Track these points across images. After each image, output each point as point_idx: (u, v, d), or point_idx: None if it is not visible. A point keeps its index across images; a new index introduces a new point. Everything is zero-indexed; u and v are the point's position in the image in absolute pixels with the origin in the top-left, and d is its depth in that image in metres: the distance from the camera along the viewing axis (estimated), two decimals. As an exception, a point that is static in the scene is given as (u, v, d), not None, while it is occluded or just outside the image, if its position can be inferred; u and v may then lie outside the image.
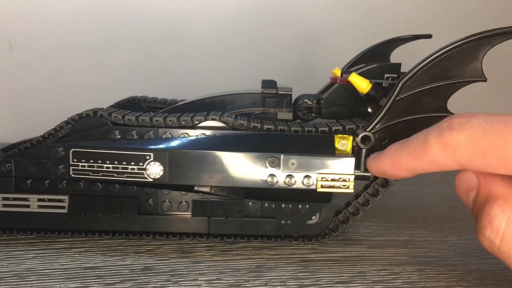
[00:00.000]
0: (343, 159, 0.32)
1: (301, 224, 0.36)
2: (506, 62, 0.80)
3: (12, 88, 0.70)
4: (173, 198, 0.36)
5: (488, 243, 0.24)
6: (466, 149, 0.23)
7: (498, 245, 0.23)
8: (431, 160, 0.25)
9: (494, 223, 0.23)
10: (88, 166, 0.33)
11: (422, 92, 0.32)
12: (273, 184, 0.33)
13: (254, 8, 0.75)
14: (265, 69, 0.73)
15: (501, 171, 0.23)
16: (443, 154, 0.24)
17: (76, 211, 0.35)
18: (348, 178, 0.32)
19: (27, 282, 0.29)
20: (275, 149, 0.33)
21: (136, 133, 0.34)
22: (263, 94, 0.39)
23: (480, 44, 0.30)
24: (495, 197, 0.24)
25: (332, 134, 0.34)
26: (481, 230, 0.24)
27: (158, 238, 0.37)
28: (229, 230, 0.36)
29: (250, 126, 0.34)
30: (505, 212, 0.23)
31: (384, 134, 0.33)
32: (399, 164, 0.28)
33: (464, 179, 0.26)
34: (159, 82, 0.72)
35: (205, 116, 0.34)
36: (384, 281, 0.31)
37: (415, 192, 0.52)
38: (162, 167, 0.32)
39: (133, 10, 0.72)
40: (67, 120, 0.35)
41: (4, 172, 0.34)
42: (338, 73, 0.42)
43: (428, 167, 0.26)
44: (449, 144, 0.24)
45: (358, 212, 0.37)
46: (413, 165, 0.27)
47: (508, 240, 0.23)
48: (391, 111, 0.32)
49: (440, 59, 0.31)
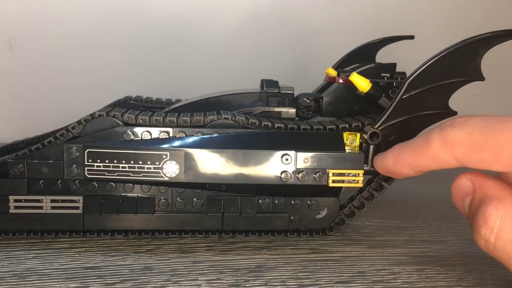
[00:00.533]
0: (353, 155, 0.34)
1: (311, 219, 0.38)
2: (505, 62, 0.80)
3: (12, 88, 0.70)
4: (186, 196, 0.37)
5: (484, 241, 0.25)
6: (463, 145, 0.25)
7: (493, 243, 0.24)
8: (431, 156, 0.27)
9: (489, 221, 0.24)
10: (103, 166, 0.33)
11: (425, 91, 0.33)
12: (287, 180, 0.34)
13: (253, 10, 0.75)
14: (262, 70, 0.73)
15: (494, 166, 0.24)
16: (442, 150, 0.26)
17: (91, 211, 0.35)
18: (358, 173, 0.34)
19: (27, 282, 0.29)
20: (288, 146, 0.34)
21: (149, 133, 0.35)
22: (266, 93, 0.40)
23: (479, 45, 0.32)
24: (490, 198, 0.25)
25: (339, 131, 0.36)
26: (477, 230, 0.25)
27: (158, 237, 0.37)
28: (242, 226, 0.37)
29: (261, 125, 0.35)
30: (499, 210, 0.24)
31: (390, 131, 0.34)
32: (402, 160, 0.29)
33: (460, 186, 0.27)
34: (159, 82, 0.72)
35: (217, 116, 0.35)
36: (384, 281, 0.31)
37: (415, 192, 0.52)
38: (178, 165, 0.33)
39: (134, 11, 0.72)
40: (79, 120, 0.35)
41: (16, 173, 0.34)
42: (332, 73, 0.44)
43: (429, 163, 0.27)
44: (449, 140, 0.25)
45: (363, 206, 0.38)
46: (415, 161, 0.28)
47: (503, 236, 0.24)
48: (397, 109, 0.34)
49: (442, 60, 0.32)
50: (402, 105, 0.34)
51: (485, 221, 0.24)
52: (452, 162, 0.26)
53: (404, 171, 0.29)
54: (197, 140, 0.34)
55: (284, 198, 0.37)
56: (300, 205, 0.37)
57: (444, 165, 0.27)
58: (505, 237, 0.24)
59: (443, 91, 0.34)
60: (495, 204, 0.24)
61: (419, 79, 0.33)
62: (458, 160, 0.26)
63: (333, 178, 0.34)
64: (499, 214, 0.24)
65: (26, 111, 0.71)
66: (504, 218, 0.24)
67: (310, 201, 0.37)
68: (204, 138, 0.34)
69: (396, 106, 0.34)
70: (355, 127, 0.36)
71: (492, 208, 0.24)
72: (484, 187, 0.26)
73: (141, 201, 0.36)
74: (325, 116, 0.41)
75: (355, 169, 0.34)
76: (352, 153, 0.35)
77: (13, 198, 0.34)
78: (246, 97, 0.41)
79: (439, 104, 0.34)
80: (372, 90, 0.37)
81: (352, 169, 0.34)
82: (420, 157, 0.28)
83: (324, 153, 0.34)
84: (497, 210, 0.24)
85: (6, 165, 0.34)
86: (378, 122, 0.35)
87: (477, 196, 0.26)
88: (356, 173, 0.34)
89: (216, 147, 0.34)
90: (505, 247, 0.24)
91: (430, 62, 0.33)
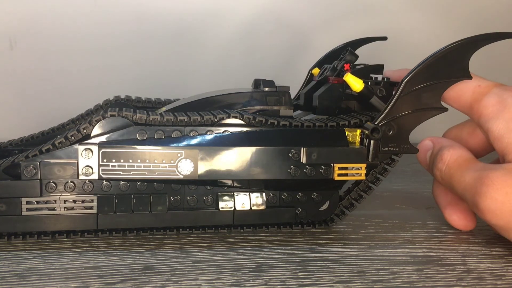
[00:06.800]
0: (357, 149, 0.36)
1: (315, 211, 0.39)
2: (505, 62, 0.81)
3: (12, 88, 0.70)
4: (198, 193, 0.37)
5: (439, 172, 0.38)
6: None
7: (444, 170, 0.37)
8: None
9: (443, 158, 0.37)
10: (118, 166, 0.33)
11: (420, 89, 0.36)
12: (296, 175, 0.35)
13: (253, 14, 0.75)
14: (258, 71, 0.75)
15: (455, 104, 0.38)
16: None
17: (106, 210, 0.35)
18: (361, 166, 0.36)
19: (28, 281, 0.30)
20: (295, 143, 0.36)
21: (162, 132, 0.35)
22: (264, 92, 0.41)
23: (466, 48, 0.36)
24: (444, 146, 0.38)
25: (340, 128, 0.38)
26: (436, 166, 0.38)
27: (158, 237, 0.37)
28: (252, 221, 0.38)
29: (268, 123, 0.37)
30: (450, 151, 0.37)
31: (389, 126, 0.37)
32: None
33: (423, 144, 0.40)
34: (159, 83, 0.73)
35: (226, 115, 0.36)
36: (384, 280, 0.31)
37: (415, 192, 0.53)
38: (192, 163, 0.34)
39: (134, 11, 0.72)
40: (90, 120, 0.35)
41: (31, 175, 0.33)
42: (317, 73, 0.48)
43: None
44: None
45: (361, 197, 0.40)
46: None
47: (450, 165, 0.37)
48: (395, 106, 0.36)
49: (433, 62, 0.36)
50: (400, 103, 0.36)
51: (441, 158, 0.37)
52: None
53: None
54: (210, 138, 0.35)
55: (290, 192, 0.39)
56: (305, 199, 0.39)
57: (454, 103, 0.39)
58: (451, 165, 0.37)
59: (436, 89, 0.37)
60: (448, 148, 0.37)
61: (415, 78, 0.36)
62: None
63: (338, 172, 0.36)
64: (449, 153, 0.37)
65: (26, 111, 0.71)
66: (452, 155, 0.37)
67: (314, 195, 0.39)
68: (216, 136, 0.35)
69: (395, 103, 0.36)
70: (354, 123, 0.38)
71: (445, 150, 0.37)
72: (440, 142, 0.39)
73: (155, 199, 0.36)
74: (319, 114, 0.42)
75: (359, 162, 0.36)
76: (356, 147, 0.36)
77: (25, 200, 0.34)
78: (244, 96, 0.41)
79: (432, 100, 0.37)
80: (365, 90, 0.39)
81: (356, 163, 0.36)
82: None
83: (330, 149, 0.36)
84: (449, 151, 0.37)
85: (19, 167, 0.33)
86: (378, 118, 0.36)
87: (436, 147, 0.39)
88: (359, 166, 0.36)
89: (228, 145, 0.35)
90: (450, 171, 0.37)
91: (425, 63, 0.36)
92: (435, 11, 0.81)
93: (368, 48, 0.53)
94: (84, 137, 0.35)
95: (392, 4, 0.80)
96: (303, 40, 0.78)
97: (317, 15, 0.78)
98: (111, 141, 0.34)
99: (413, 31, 0.80)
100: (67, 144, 0.34)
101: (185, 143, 0.35)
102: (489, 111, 0.35)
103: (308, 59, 0.55)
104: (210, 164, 0.34)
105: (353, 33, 0.55)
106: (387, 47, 0.58)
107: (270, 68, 0.76)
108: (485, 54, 0.41)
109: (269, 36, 0.77)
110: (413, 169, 0.61)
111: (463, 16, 0.82)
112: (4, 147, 0.47)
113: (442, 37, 0.42)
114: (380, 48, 0.57)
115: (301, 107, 0.46)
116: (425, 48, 0.43)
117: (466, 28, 0.58)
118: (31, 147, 0.41)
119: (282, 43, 0.77)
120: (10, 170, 0.34)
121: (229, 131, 0.36)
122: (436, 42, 0.42)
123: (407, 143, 0.37)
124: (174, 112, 0.38)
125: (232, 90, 0.43)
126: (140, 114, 0.35)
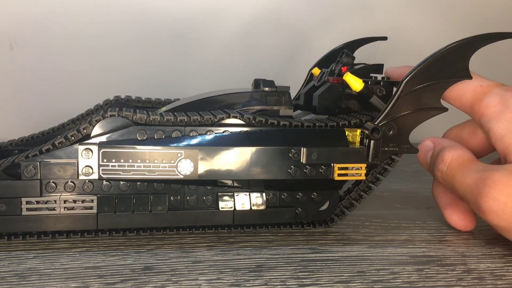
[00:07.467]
0: (357, 149, 0.36)
1: (315, 211, 0.39)
2: (505, 62, 0.81)
3: (12, 88, 0.70)
4: (198, 193, 0.37)
5: (440, 173, 0.37)
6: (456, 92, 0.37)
7: (445, 171, 0.37)
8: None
9: (444, 158, 0.37)
10: (118, 166, 0.33)
11: (420, 89, 0.36)
12: (296, 175, 0.35)
13: (253, 15, 0.75)
14: (259, 71, 0.75)
15: (456, 103, 0.38)
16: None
17: (106, 210, 0.35)
18: (361, 166, 0.36)
19: (28, 281, 0.30)
20: (295, 143, 0.36)
21: (162, 132, 0.35)
22: (263, 92, 0.41)
23: (466, 48, 0.36)
24: (445, 147, 0.38)
25: (340, 128, 0.38)
26: (436, 166, 0.38)
27: (158, 237, 0.37)
28: (252, 221, 0.38)
29: (268, 123, 0.37)
30: (451, 152, 0.37)
31: (389, 126, 0.37)
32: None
33: (424, 145, 0.40)
34: (159, 83, 0.73)
35: (226, 115, 0.36)
36: (384, 280, 0.31)
37: (415, 192, 0.53)
38: (192, 163, 0.34)
39: (134, 11, 0.72)
40: (90, 120, 0.35)
41: (31, 175, 0.33)
42: (317, 73, 0.48)
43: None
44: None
45: (361, 197, 0.40)
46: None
47: (451, 166, 0.36)
48: (395, 106, 0.36)
49: (433, 62, 0.36)
50: (400, 103, 0.36)
51: (442, 159, 0.37)
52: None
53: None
54: (210, 138, 0.35)
55: (290, 192, 0.39)
56: (305, 199, 0.39)
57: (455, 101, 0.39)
58: (452, 166, 0.36)
59: (436, 90, 0.37)
60: (448, 149, 0.37)
61: (415, 78, 0.36)
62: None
63: (338, 172, 0.35)
64: (450, 154, 0.37)
65: (26, 111, 0.71)
66: (453, 155, 0.37)
67: (314, 195, 0.39)
68: (216, 136, 0.35)
69: (395, 103, 0.36)
70: (353, 123, 0.38)
71: (446, 151, 0.37)
72: (441, 142, 0.39)
73: (155, 199, 0.36)
74: (319, 114, 0.42)
75: (359, 162, 0.36)
76: (356, 147, 0.36)
77: (25, 200, 0.34)
78: (244, 96, 0.42)
79: (432, 100, 0.37)
80: (365, 90, 0.39)
81: (356, 163, 0.36)
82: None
83: (330, 149, 0.35)
84: (449, 151, 0.37)
85: (19, 167, 0.33)
86: (378, 118, 0.36)
87: (437, 148, 0.39)
88: (359, 166, 0.36)
89: (228, 145, 0.35)
90: (451, 172, 0.36)
91: (425, 63, 0.36)
92: (435, 11, 0.81)
93: (368, 48, 0.53)
94: (84, 137, 0.35)
95: (392, 4, 0.80)
96: (303, 40, 0.78)
97: (317, 15, 0.78)
98: (111, 141, 0.34)
99: (413, 31, 0.80)
100: (67, 144, 0.34)
101: (185, 143, 0.35)
102: (490, 111, 0.35)
103: (308, 59, 0.55)
104: (210, 164, 0.34)
105: (353, 33, 0.55)
106: (387, 47, 0.58)
107: (270, 68, 0.76)
108: (485, 54, 0.41)
109: (269, 36, 0.77)
110: (413, 169, 0.61)
111: (463, 16, 0.82)
112: (4, 147, 0.47)
113: (442, 37, 0.43)
114: (380, 48, 0.57)
115: (301, 107, 0.46)
116: (425, 48, 0.43)
117: (466, 28, 0.59)
118: (31, 147, 0.41)
119: (282, 43, 0.78)
120: (10, 170, 0.34)
121: (229, 131, 0.36)
122: (436, 42, 0.42)
123: (407, 143, 0.37)
124: (174, 112, 0.38)
125: (232, 90, 0.43)
126: (140, 114, 0.35)
